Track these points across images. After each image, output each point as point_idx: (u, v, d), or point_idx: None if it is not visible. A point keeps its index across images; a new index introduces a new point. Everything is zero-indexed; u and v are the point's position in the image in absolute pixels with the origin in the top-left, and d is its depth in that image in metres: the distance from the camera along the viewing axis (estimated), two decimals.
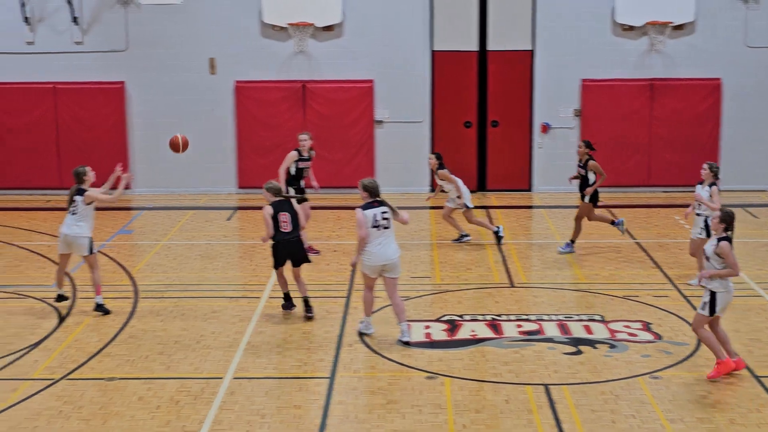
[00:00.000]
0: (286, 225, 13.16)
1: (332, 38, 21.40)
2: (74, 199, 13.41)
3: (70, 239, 13.41)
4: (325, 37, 21.36)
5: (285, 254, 13.25)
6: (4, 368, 11.65)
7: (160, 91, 21.48)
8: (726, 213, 11.06)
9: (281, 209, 13.18)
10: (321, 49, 21.38)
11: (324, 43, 21.37)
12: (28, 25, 21.16)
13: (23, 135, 21.45)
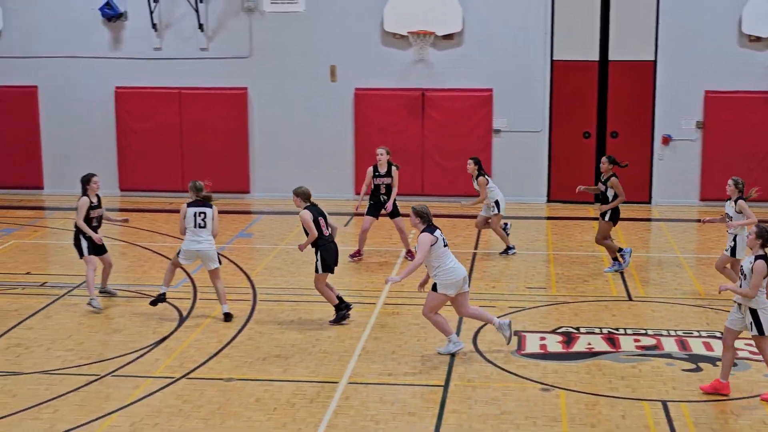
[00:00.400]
0: (325, 229, 13.31)
1: (452, 47, 21.43)
2: (204, 212, 13.54)
3: (208, 254, 13.60)
4: (445, 45, 21.40)
5: (332, 258, 13.35)
6: (127, 365, 11.98)
7: (281, 97, 21.82)
8: (762, 229, 10.72)
9: (319, 214, 13.29)
10: (441, 57, 21.43)
11: (444, 51, 21.41)
12: (156, 32, 21.73)
13: (148, 138, 22.03)
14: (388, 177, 16.49)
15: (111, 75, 22.02)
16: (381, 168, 16.49)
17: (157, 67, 21.93)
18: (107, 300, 14.58)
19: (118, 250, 17.78)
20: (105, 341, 12.89)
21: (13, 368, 11.92)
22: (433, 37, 21.16)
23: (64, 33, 22.02)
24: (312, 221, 13.23)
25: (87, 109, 22.21)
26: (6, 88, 22.28)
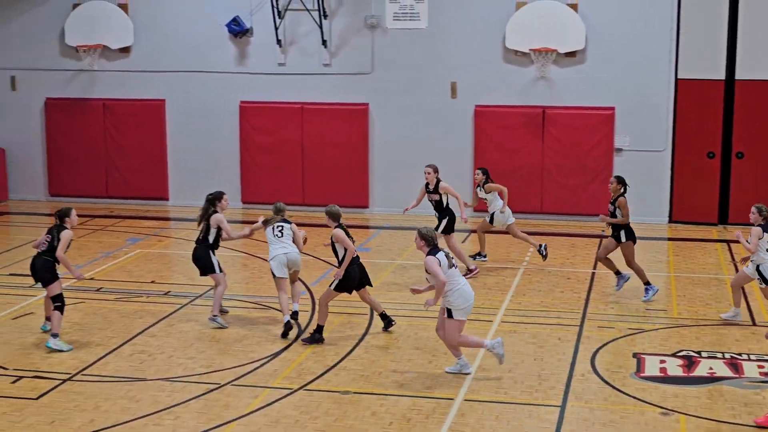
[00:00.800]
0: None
1: (574, 64, 21.26)
2: (282, 225, 14.19)
3: (296, 259, 14.10)
4: (567, 63, 21.25)
5: (358, 277, 13.48)
6: (246, 375, 12.19)
7: (401, 113, 21.96)
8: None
9: (347, 233, 13.41)
10: (562, 75, 21.28)
11: (566, 69, 21.25)
12: (280, 48, 22.10)
13: (271, 152, 22.39)
14: (436, 194, 16.67)
15: (236, 90, 22.47)
16: (430, 185, 16.75)
17: (281, 83, 22.30)
18: (230, 310, 14.86)
19: (239, 262, 18.14)
20: (225, 350, 13.15)
21: (137, 374, 12.25)
22: (555, 55, 21.04)
23: (191, 48, 22.57)
24: (347, 237, 13.34)
25: (212, 123, 22.70)
26: (136, 102, 22.94)
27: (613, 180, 15.65)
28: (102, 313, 14.74)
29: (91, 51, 22.62)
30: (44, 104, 23.39)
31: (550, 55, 21.02)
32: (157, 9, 22.59)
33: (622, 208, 15.36)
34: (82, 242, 19.20)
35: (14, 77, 23.50)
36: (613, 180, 15.65)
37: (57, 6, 22.94)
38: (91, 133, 23.13)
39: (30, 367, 12.51)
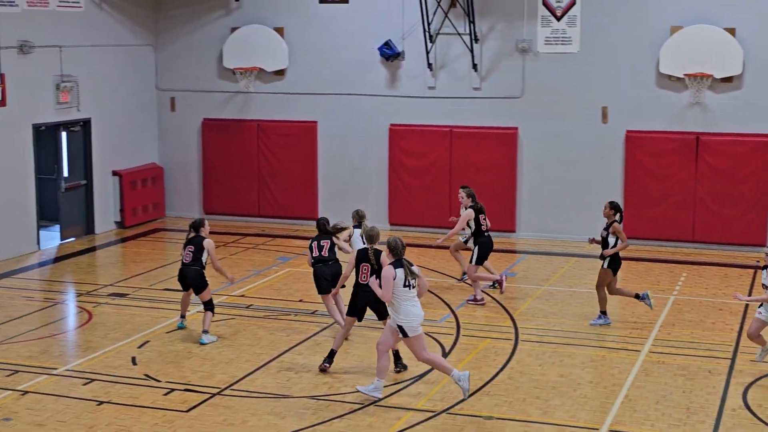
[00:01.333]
0: (364, 276, 12.94)
1: (730, 90, 20.70)
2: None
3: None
4: (723, 88, 20.71)
5: (363, 303, 13.07)
6: (390, 396, 12.27)
7: (551, 137, 21.79)
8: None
9: (364, 260, 12.95)
10: (718, 100, 20.75)
11: (721, 94, 20.72)
12: (431, 71, 22.25)
13: (420, 175, 22.51)
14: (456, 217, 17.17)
15: (386, 112, 22.71)
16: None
17: (431, 106, 22.43)
18: (377, 331, 15.00)
19: None
20: (370, 371, 13.25)
21: (284, 391, 12.48)
22: (710, 80, 20.54)
23: (344, 71, 22.93)
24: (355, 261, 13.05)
25: (362, 145, 22.99)
26: (289, 123, 23.43)
27: (607, 205, 15.41)
28: (251, 330, 15.08)
29: (247, 73, 23.24)
30: (201, 125, 24.12)
31: (706, 81, 20.54)
32: (311, 33, 23.05)
33: (618, 233, 15.11)
34: (234, 260, 19.69)
35: (174, 98, 24.33)
36: (607, 205, 15.41)
37: (216, 30, 23.67)
38: (245, 153, 23.73)
39: (181, 380, 12.89)
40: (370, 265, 12.88)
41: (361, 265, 12.97)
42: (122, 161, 23.16)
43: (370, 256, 12.91)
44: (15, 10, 19.70)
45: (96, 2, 22.15)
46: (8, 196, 19.88)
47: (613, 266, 15.32)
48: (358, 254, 13.06)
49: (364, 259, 12.96)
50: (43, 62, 20.58)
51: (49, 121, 21.08)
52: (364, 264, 12.94)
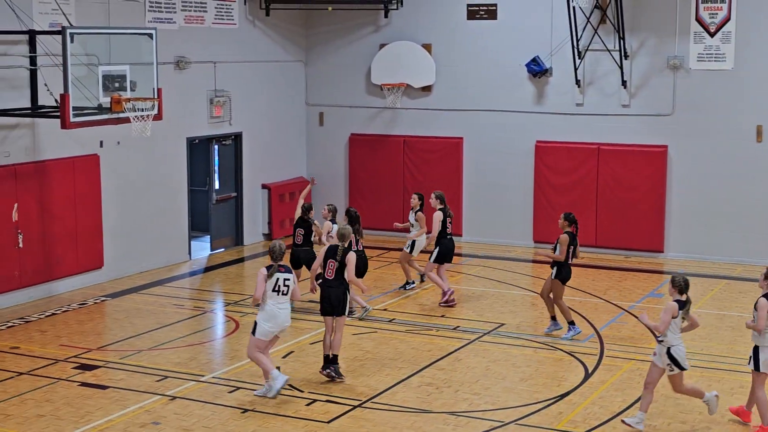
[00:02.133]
0: (329, 272, 13.34)
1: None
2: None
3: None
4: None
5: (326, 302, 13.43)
6: (529, 416, 12.17)
7: (702, 156, 21.26)
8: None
9: (330, 256, 13.36)
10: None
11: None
12: (579, 88, 22.02)
13: (565, 193, 22.28)
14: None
15: (532, 129, 22.57)
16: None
17: (578, 123, 22.19)
18: (517, 349, 14.91)
19: (528, 301, 18.15)
20: (510, 389, 13.19)
21: (424, 406, 12.52)
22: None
23: (490, 88, 22.90)
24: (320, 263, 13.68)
25: (507, 162, 22.89)
26: (435, 139, 23.53)
27: (562, 216, 15.34)
28: (393, 344, 15.18)
29: (394, 89, 23.45)
30: (348, 139, 24.44)
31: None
32: (458, 49, 23.12)
33: (561, 245, 15.02)
34: (377, 274, 19.86)
35: (322, 113, 24.73)
36: (562, 216, 15.34)
37: (365, 47, 23.98)
38: (391, 168, 23.92)
39: (324, 391, 13.06)
40: (337, 262, 13.32)
41: (328, 261, 13.42)
42: (271, 174, 23.67)
43: (338, 253, 13.36)
44: (173, 27, 20.39)
45: (249, 19, 22.73)
46: (162, 206, 20.54)
47: (561, 277, 15.29)
48: (327, 250, 13.53)
49: (332, 255, 13.41)
50: (198, 77, 21.22)
51: (202, 135, 21.71)
52: (331, 260, 13.39)
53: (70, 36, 15.11)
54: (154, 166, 20.21)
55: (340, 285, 13.32)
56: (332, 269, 13.37)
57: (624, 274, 20.12)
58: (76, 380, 13.45)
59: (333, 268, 13.36)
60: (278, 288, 12.47)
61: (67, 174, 18.22)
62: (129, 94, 15.99)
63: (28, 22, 16.96)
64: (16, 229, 17.10)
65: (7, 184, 17.04)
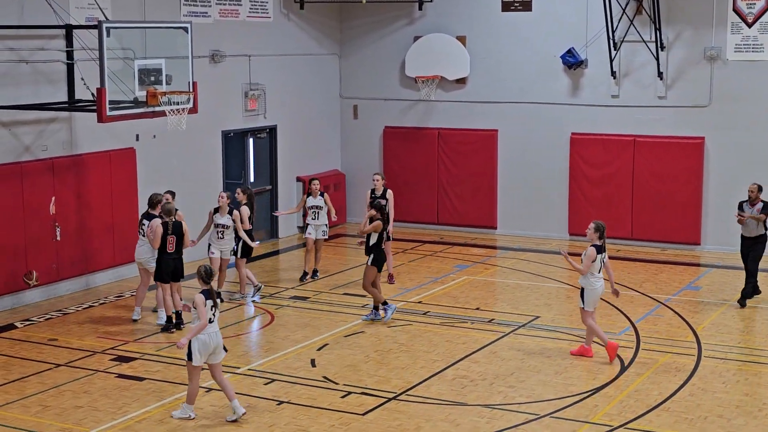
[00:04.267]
0: (170, 246, 15.27)
1: None
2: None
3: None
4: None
5: (168, 271, 15.42)
6: (565, 408, 12.13)
7: (740, 148, 21.06)
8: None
9: (172, 232, 15.28)
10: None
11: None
12: (615, 79, 21.88)
13: (601, 185, 22.16)
14: (383, 199, 18.03)
15: (568, 121, 22.46)
16: (377, 192, 18.26)
17: (614, 115, 22.05)
18: (552, 342, 14.86)
19: (563, 294, 18.09)
20: (546, 382, 13.15)
21: (458, 399, 12.51)
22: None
23: (525, 80, 22.82)
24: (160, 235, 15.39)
25: (542, 154, 22.80)
26: (469, 131, 23.47)
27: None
28: (427, 337, 15.17)
29: (429, 82, 23.41)
30: (383, 132, 24.44)
31: None
32: (493, 41, 23.05)
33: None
34: (411, 266, 19.86)
35: (356, 106, 24.75)
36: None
37: (399, 39, 23.95)
38: (425, 161, 23.90)
39: (358, 383, 13.08)
40: (174, 236, 15.35)
41: (168, 238, 15.27)
42: (306, 167, 23.71)
43: (170, 228, 15.30)
44: (208, 21, 20.47)
45: (284, 12, 22.77)
46: (199, 199, 20.61)
47: (377, 263, 15.91)
48: (164, 228, 15.22)
49: (170, 231, 15.30)
50: (233, 71, 21.29)
51: (237, 128, 21.80)
52: (170, 236, 15.30)
53: (106, 30, 15.19)
54: (189, 159, 20.31)
55: (179, 256, 15.50)
56: (173, 243, 15.31)
57: (660, 267, 19.99)
58: (113, 372, 13.56)
59: (173, 242, 15.31)
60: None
61: (104, 167, 18.35)
62: (164, 87, 16.05)
63: (65, 16, 17.09)
64: (54, 222, 17.25)
65: (44, 177, 17.20)
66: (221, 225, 17.23)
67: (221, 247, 17.30)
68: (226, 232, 17.24)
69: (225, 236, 17.26)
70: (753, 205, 16.75)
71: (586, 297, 13.90)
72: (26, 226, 16.98)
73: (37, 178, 17.09)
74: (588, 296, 13.91)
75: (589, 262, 13.82)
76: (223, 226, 17.22)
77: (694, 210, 21.47)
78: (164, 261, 15.44)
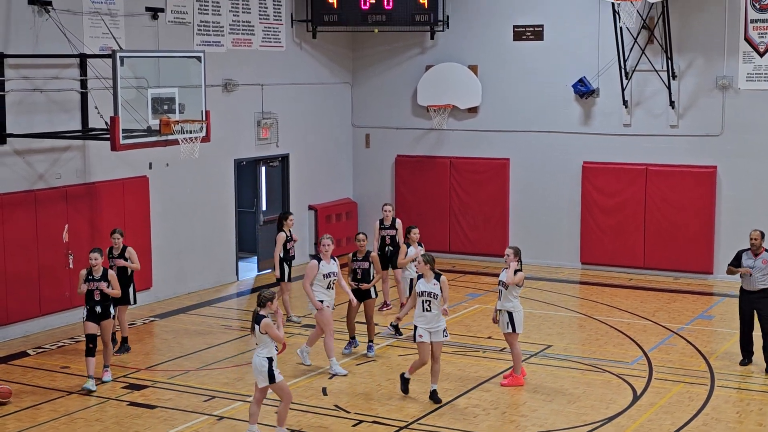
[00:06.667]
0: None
1: None
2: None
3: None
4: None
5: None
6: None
7: (752, 176, 21.03)
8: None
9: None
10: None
11: None
12: (626, 108, 21.90)
13: (613, 214, 22.13)
14: (393, 229, 18.36)
15: (579, 150, 22.46)
16: (386, 222, 18.39)
17: (626, 144, 22.06)
18: (565, 371, 14.81)
19: (575, 323, 18.04)
20: (558, 411, 13.10)
21: (471, 428, 12.47)
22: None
23: (537, 109, 22.86)
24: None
25: (554, 183, 22.81)
26: (481, 160, 23.50)
27: (362, 237, 15.78)
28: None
29: (440, 111, 23.48)
30: (395, 161, 24.49)
31: None
32: (505, 70, 23.11)
33: (375, 263, 15.57)
34: None
35: (368, 135, 24.82)
36: (362, 237, 15.78)
37: (411, 68, 24.04)
38: (437, 189, 23.92)
39: (370, 412, 13.05)
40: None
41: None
42: (318, 196, 23.77)
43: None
44: (221, 50, 20.60)
45: (296, 42, 22.90)
46: (211, 227, 20.70)
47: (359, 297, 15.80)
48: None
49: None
50: (246, 99, 21.40)
51: (249, 156, 21.87)
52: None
53: (120, 59, 15.30)
54: (202, 187, 20.38)
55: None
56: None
57: (673, 296, 19.94)
58: (125, 400, 13.57)
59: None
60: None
61: (117, 195, 18.43)
62: (178, 116, 16.13)
63: (79, 45, 17.22)
64: (67, 250, 17.29)
65: (58, 205, 17.27)
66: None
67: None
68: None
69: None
70: (756, 255, 14.91)
71: (517, 320, 14.00)
72: (39, 253, 17.05)
73: (50, 206, 17.17)
74: (518, 319, 14.02)
75: (522, 278, 14.10)
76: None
77: (707, 239, 21.43)
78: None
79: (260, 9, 21.69)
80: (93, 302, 14.16)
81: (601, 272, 22.02)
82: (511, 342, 14.14)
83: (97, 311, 14.15)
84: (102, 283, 14.16)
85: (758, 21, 20.63)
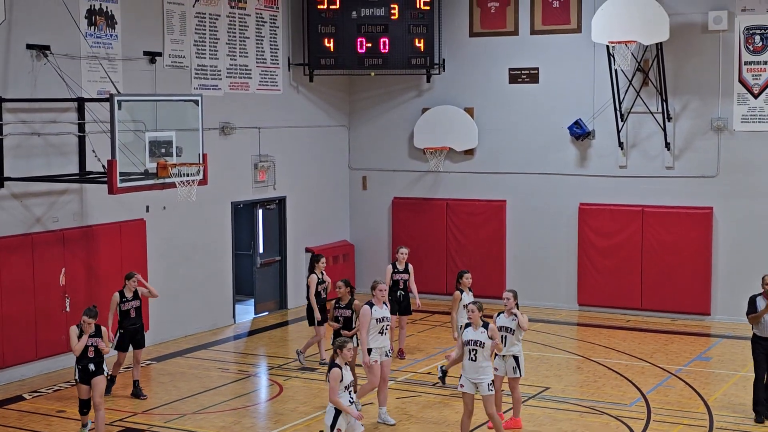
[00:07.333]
0: (132, 312, 15.83)
1: None
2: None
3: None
4: None
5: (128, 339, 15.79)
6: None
7: (749, 218, 21.08)
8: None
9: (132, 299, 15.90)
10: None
11: None
12: (622, 150, 21.99)
13: (610, 255, 22.15)
14: (406, 273, 18.37)
15: (576, 192, 22.52)
16: (399, 265, 18.39)
17: (622, 185, 22.12)
18: (563, 413, 14.75)
19: (573, 365, 17.99)
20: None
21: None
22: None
23: (533, 151, 22.94)
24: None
25: (550, 224, 22.84)
26: (478, 202, 23.55)
27: (341, 284, 15.57)
28: (437, 408, 15.08)
29: (437, 153, 23.57)
30: (391, 203, 24.54)
31: None
32: (501, 112, 23.22)
33: (357, 312, 14.96)
34: (420, 337, 19.80)
35: (365, 177, 24.88)
36: (341, 284, 15.57)
37: (408, 111, 24.16)
38: (434, 231, 23.93)
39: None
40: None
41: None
42: (315, 238, 23.77)
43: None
44: (218, 94, 20.70)
45: (293, 85, 23.01)
46: (208, 270, 20.69)
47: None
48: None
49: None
50: (243, 142, 21.48)
51: (246, 199, 21.91)
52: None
53: (117, 103, 15.36)
54: (199, 230, 20.40)
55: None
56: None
57: (670, 338, 19.91)
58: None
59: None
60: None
61: (114, 239, 18.43)
62: (175, 159, 16.17)
63: (77, 89, 17.31)
64: (64, 293, 17.27)
65: (55, 248, 17.27)
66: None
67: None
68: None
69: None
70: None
71: (522, 364, 14.05)
72: (36, 297, 17.01)
73: (47, 250, 17.17)
74: (522, 363, 14.07)
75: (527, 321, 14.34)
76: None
77: (704, 280, 21.43)
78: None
79: (257, 53, 21.82)
80: (86, 360, 13.52)
81: (598, 314, 21.99)
82: (514, 386, 14.09)
83: (91, 369, 13.47)
84: (98, 340, 13.57)
85: (752, 63, 20.78)
